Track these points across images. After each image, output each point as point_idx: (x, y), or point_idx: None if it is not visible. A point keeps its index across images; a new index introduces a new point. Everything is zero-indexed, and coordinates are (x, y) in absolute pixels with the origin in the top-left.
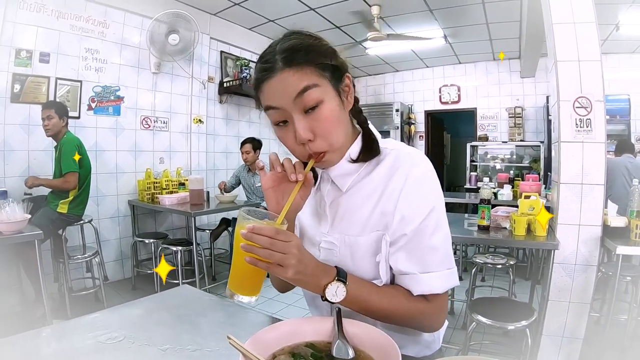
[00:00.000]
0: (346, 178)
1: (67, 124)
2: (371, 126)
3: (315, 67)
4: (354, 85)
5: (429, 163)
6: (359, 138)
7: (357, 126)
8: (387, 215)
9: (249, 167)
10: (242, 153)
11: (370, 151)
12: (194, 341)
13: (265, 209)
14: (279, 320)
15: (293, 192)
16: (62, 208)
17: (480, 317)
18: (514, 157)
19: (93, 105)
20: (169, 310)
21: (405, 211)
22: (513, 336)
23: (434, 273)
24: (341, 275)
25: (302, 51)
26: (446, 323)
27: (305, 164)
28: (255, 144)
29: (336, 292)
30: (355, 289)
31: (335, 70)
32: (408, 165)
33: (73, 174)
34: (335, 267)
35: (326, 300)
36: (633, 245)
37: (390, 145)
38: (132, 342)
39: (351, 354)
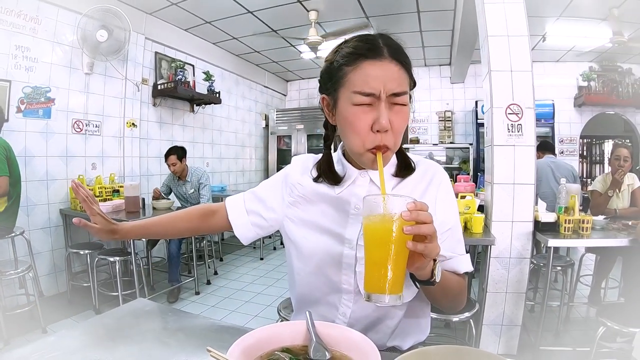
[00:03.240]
0: (387, 182)
1: None
2: None
3: (408, 75)
4: None
5: None
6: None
7: None
8: None
9: (178, 176)
10: (169, 165)
11: (408, 169)
12: (165, 356)
13: None
14: (249, 330)
15: (380, 165)
16: None
17: None
18: (444, 158)
19: (22, 107)
20: (130, 327)
21: (444, 215)
22: (454, 327)
23: (466, 256)
24: None
25: (405, 55)
26: None
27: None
28: (180, 152)
29: (438, 271)
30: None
31: (411, 86)
32: (438, 177)
33: (2, 178)
34: None
35: (428, 283)
36: (562, 238)
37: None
38: None
39: (328, 355)
